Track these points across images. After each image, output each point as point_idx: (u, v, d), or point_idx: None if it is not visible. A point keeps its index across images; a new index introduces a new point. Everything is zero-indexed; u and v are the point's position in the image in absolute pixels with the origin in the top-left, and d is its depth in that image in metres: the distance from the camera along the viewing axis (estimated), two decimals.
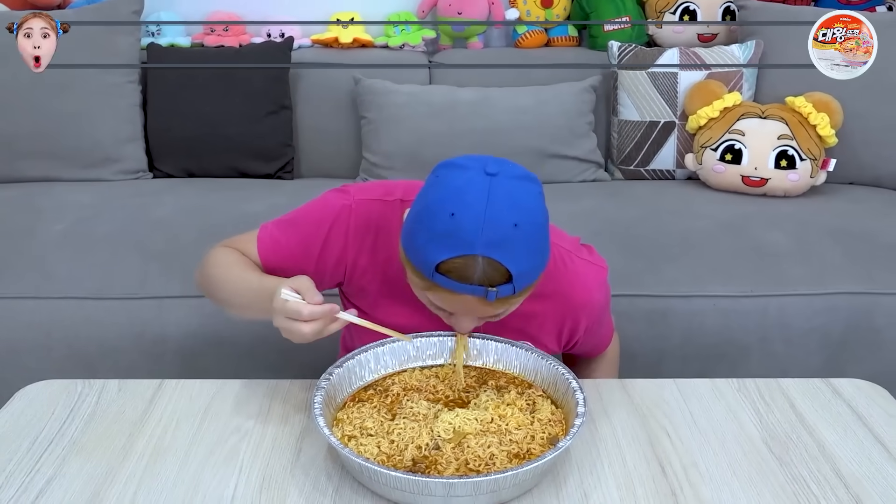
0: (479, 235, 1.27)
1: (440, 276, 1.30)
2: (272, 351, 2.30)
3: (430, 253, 1.30)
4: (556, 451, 1.25)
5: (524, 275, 1.31)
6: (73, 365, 2.29)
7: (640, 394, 1.56)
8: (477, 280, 1.29)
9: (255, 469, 1.34)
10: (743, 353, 2.36)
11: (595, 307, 1.62)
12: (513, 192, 1.30)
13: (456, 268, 1.29)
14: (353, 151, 3.06)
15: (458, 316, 1.43)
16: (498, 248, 1.28)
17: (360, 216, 1.55)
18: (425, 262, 1.31)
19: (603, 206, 2.72)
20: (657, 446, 1.41)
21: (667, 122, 2.99)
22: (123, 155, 2.96)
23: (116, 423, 1.45)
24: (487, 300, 1.31)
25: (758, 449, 1.41)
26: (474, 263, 1.28)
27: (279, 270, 1.55)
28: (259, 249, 1.58)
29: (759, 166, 2.81)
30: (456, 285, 1.30)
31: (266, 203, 2.66)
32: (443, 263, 1.29)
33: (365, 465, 1.22)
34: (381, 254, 1.55)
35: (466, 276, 1.29)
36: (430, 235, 1.30)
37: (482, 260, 1.28)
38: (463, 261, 1.28)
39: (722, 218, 2.65)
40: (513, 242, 1.29)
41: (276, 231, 1.59)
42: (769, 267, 2.42)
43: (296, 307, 1.35)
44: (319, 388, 1.37)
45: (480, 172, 1.30)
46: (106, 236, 2.50)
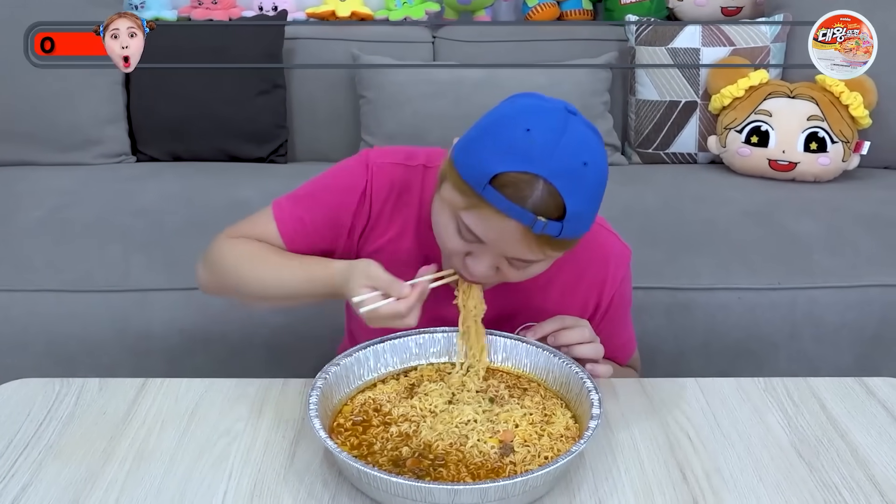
0: (549, 158, 1.28)
1: (493, 190, 1.29)
2: (264, 347, 2.31)
3: (491, 162, 1.29)
4: (570, 455, 1.25)
5: (576, 218, 1.30)
6: (50, 362, 2.29)
7: (659, 394, 1.56)
8: (531, 205, 1.28)
9: (246, 474, 1.33)
10: (770, 351, 2.36)
11: (618, 284, 1.61)
12: (587, 136, 1.33)
13: (514, 183, 1.28)
14: (351, 133, 3.06)
15: (481, 252, 1.39)
16: (563, 178, 1.28)
17: (383, 179, 1.55)
18: (482, 171, 1.30)
19: (619, 192, 2.71)
20: (677, 450, 1.41)
21: (688, 102, 2.99)
22: (104, 137, 2.96)
23: (97, 425, 1.45)
24: (532, 231, 1.30)
25: (786, 453, 1.41)
26: (535, 184, 1.28)
27: (304, 250, 1.55)
28: (282, 231, 1.56)
29: (787, 149, 2.81)
30: (507, 204, 1.28)
31: (258, 188, 2.65)
32: (501, 176, 1.28)
33: (364, 471, 1.21)
34: (398, 219, 1.55)
35: (522, 196, 1.28)
36: (497, 145, 1.30)
37: (544, 184, 1.28)
38: (525, 178, 1.28)
39: (747, 205, 2.65)
40: (579, 178, 1.29)
41: (298, 208, 1.57)
42: (798, 258, 2.42)
43: (393, 310, 1.36)
44: (315, 388, 1.37)
45: (561, 107, 1.34)
46: (86, 224, 2.50)
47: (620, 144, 3.11)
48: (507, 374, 1.53)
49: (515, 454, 1.32)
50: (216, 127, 2.96)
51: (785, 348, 2.36)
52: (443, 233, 1.41)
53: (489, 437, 1.35)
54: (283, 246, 1.57)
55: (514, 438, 1.36)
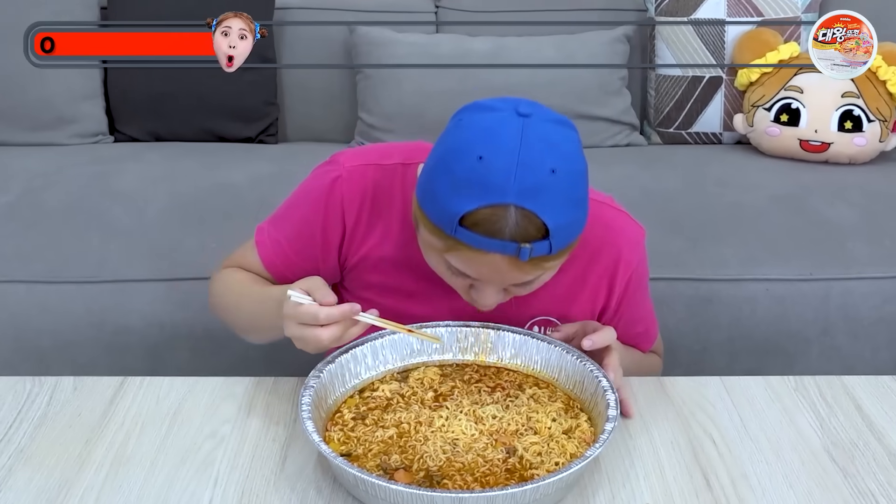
0: (511, 181, 1.26)
1: (465, 230, 1.29)
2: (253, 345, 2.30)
3: (454, 203, 1.29)
4: (584, 460, 1.25)
5: (562, 230, 1.30)
6: (20, 359, 2.30)
7: (680, 393, 1.56)
8: (508, 234, 1.28)
9: (233, 481, 1.33)
10: (801, 347, 2.36)
11: (633, 268, 1.61)
12: (549, 135, 1.31)
13: (484, 220, 1.28)
14: (348, 111, 3.06)
15: (481, 285, 1.40)
16: (533, 197, 1.27)
17: (354, 184, 1.54)
18: (447, 214, 1.30)
19: (638, 174, 2.71)
20: (701, 455, 1.41)
21: (712, 78, 2.98)
22: (79, 115, 2.95)
23: (71, 428, 1.45)
24: (520, 260, 1.30)
25: (818, 458, 1.41)
26: (506, 214, 1.27)
27: (289, 274, 1.55)
28: (263, 258, 1.59)
29: (819, 129, 2.80)
30: (483, 241, 1.29)
31: (246, 171, 2.65)
32: (469, 215, 1.28)
33: (361, 478, 1.21)
34: (379, 225, 1.55)
35: (496, 230, 1.28)
36: (454, 183, 1.29)
37: (515, 210, 1.27)
38: (492, 211, 1.27)
39: (776, 189, 2.65)
40: (550, 190, 1.28)
41: (274, 230, 1.60)
42: (831, 246, 2.42)
43: (310, 310, 1.35)
44: (308, 388, 1.37)
45: (511, 113, 1.30)
46: (59, 210, 2.50)
47: (639, 123, 3.10)
48: (516, 372, 1.53)
49: (524, 460, 1.32)
50: (200, 104, 2.96)
51: (817, 344, 2.36)
52: (438, 272, 1.43)
53: (494, 443, 1.36)
54: (265, 272, 1.60)
55: (516, 441, 1.36)
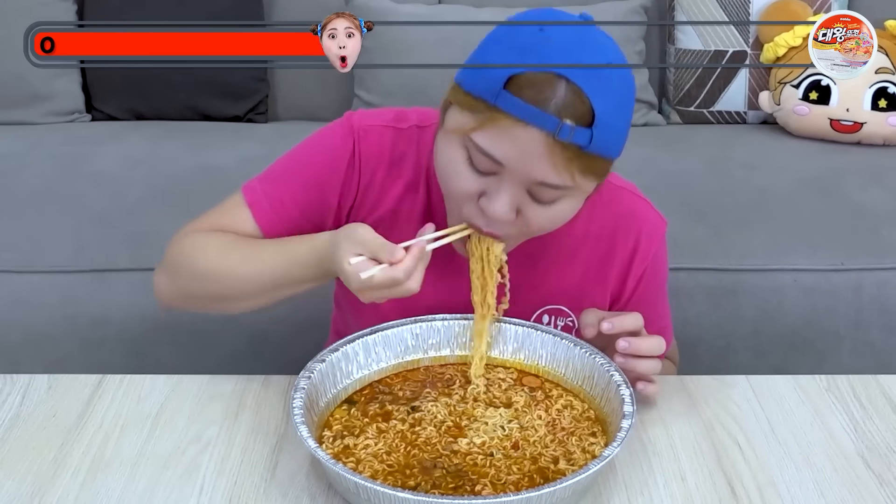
0: (570, 56, 1.28)
1: (508, 95, 1.29)
2: (242, 338, 2.31)
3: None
4: (600, 462, 1.25)
5: (606, 126, 1.30)
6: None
7: (703, 393, 1.55)
8: (553, 107, 1.28)
9: (220, 488, 1.33)
10: (831, 342, 2.36)
11: (650, 259, 1.60)
12: (608, 42, 1.36)
13: (533, 83, 1.28)
14: (343, 88, 3.07)
15: (498, 185, 1.36)
16: (588, 77, 1.29)
17: (372, 145, 1.54)
18: (495, 76, 1.30)
19: (656, 156, 2.72)
20: (725, 460, 1.40)
21: (736, 52, 2.98)
22: (54, 92, 2.96)
23: (46, 430, 1.44)
24: (557, 139, 1.28)
25: (852, 464, 1.40)
26: (556, 84, 1.28)
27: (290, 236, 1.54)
28: (257, 217, 1.54)
29: (851, 107, 2.80)
30: (526, 109, 1.28)
31: (234, 153, 2.65)
32: (517, 77, 1.28)
33: (362, 485, 1.21)
34: (393, 191, 1.54)
35: (542, 99, 1.28)
36: (511, 47, 1.32)
37: (566, 84, 1.28)
38: (544, 77, 1.28)
39: (805, 172, 2.65)
40: (605, 78, 1.30)
41: (274, 189, 1.55)
42: (864, 234, 2.42)
43: (389, 276, 1.33)
44: (299, 389, 1.36)
45: (576, 17, 1.37)
46: (32, 194, 2.50)
47: (657, 101, 3.10)
48: (518, 370, 1.53)
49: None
50: (185, 80, 2.96)
51: (849, 339, 2.36)
52: (451, 172, 1.39)
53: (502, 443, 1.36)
54: (259, 234, 1.55)
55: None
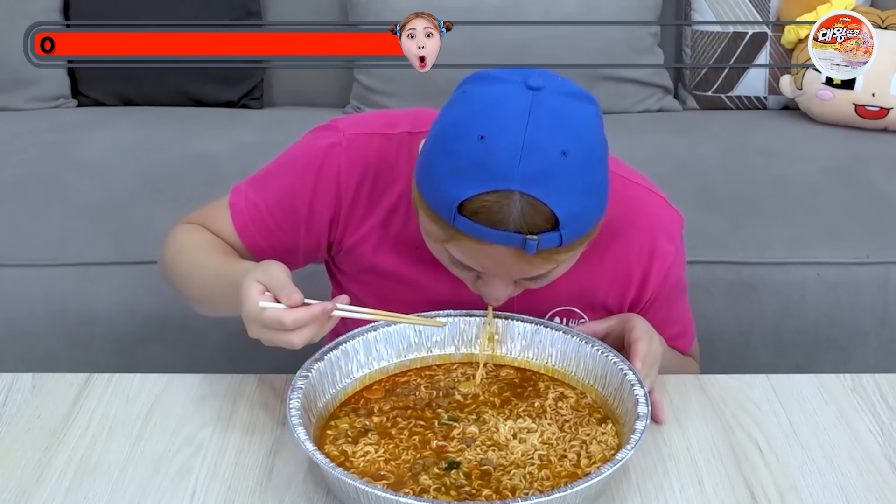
0: (516, 165, 1.26)
1: (464, 219, 1.29)
2: (235, 335, 2.28)
3: (453, 189, 1.29)
4: (614, 465, 1.25)
5: (574, 220, 1.30)
6: None
7: (721, 393, 1.55)
8: (513, 225, 1.28)
9: (213, 492, 1.33)
10: (856, 340, 2.36)
11: (669, 261, 1.60)
12: (562, 111, 1.30)
13: (485, 208, 1.28)
14: (342, 72, 3.06)
15: (487, 278, 1.41)
16: (541, 183, 1.27)
17: (355, 155, 1.54)
18: (446, 201, 1.30)
19: (672, 144, 2.71)
20: (744, 463, 1.40)
21: (756, 34, 2.98)
22: (39, 76, 2.94)
23: (30, 431, 1.45)
24: (526, 252, 1.29)
25: (878, 467, 1.40)
26: (510, 202, 1.27)
27: (264, 245, 1.55)
28: (235, 221, 1.57)
29: (877, 92, 2.79)
30: (485, 232, 1.29)
31: (227, 140, 2.65)
32: (468, 202, 1.28)
33: (363, 489, 1.21)
34: (383, 203, 1.54)
35: (499, 220, 1.28)
36: (453, 165, 1.29)
37: (520, 198, 1.27)
38: (494, 198, 1.27)
39: (829, 161, 2.64)
40: (560, 175, 1.28)
41: (253, 192, 1.58)
42: (891, 225, 2.42)
43: (275, 316, 1.33)
44: (296, 389, 1.36)
45: (520, 86, 1.30)
46: (15, 184, 2.50)
47: (673, 86, 3.09)
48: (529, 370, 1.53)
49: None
50: None
51: (874, 336, 2.36)
52: (443, 262, 1.43)
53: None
54: (235, 236, 1.57)
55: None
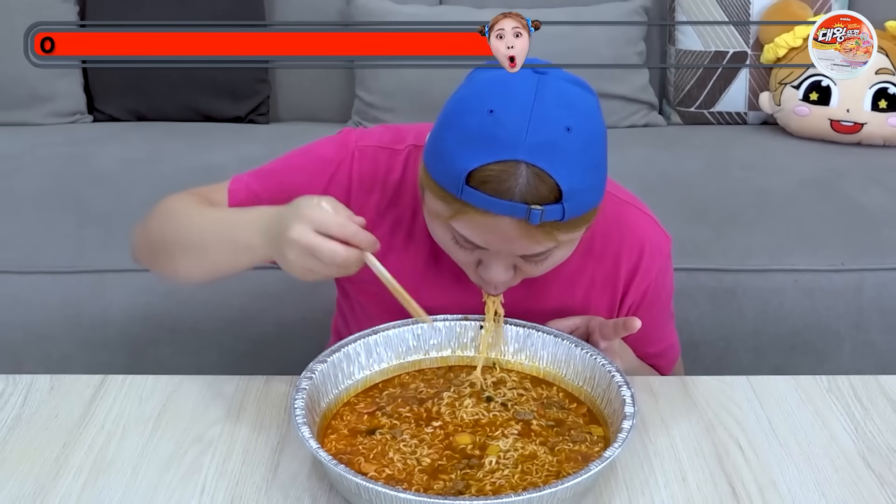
0: (523, 136, 1.27)
1: (472, 190, 1.29)
2: (242, 339, 2.30)
3: (461, 160, 1.29)
4: (602, 463, 1.24)
5: (576, 195, 1.29)
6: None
7: (704, 394, 1.55)
8: (518, 195, 1.27)
9: (222, 488, 1.33)
10: (832, 343, 2.35)
11: (653, 277, 1.60)
12: (566, 92, 1.32)
13: (493, 177, 1.28)
14: (344, 89, 3.06)
15: (489, 259, 1.39)
16: (546, 154, 1.27)
17: (366, 167, 1.53)
18: (454, 172, 1.30)
19: (657, 157, 2.71)
20: (726, 460, 1.40)
21: (737, 53, 2.98)
22: (56, 92, 2.95)
23: (48, 430, 1.44)
24: (530, 224, 1.29)
25: (853, 465, 1.40)
26: (516, 171, 1.27)
27: None
28: (231, 204, 1.54)
29: (852, 108, 2.80)
30: (491, 202, 1.28)
31: (235, 153, 2.65)
32: (476, 172, 1.28)
33: (364, 486, 1.20)
34: (390, 215, 1.54)
35: (505, 189, 1.27)
36: (462, 137, 1.30)
37: (526, 168, 1.27)
38: (502, 167, 1.27)
39: (806, 173, 2.65)
40: (565, 149, 1.28)
41: (255, 182, 1.56)
42: (865, 234, 2.41)
43: (340, 219, 1.32)
44: (300, 390, 1.36)
45: (527, 70, 1.30)
46: (33, 194, 2.50)
47: (658, 102, 3.10)
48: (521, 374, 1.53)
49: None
50: (186, 81, 2.96)
51: (849, 340, 2.36)
52: (444, 246, 1.43)
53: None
54: None
55: None
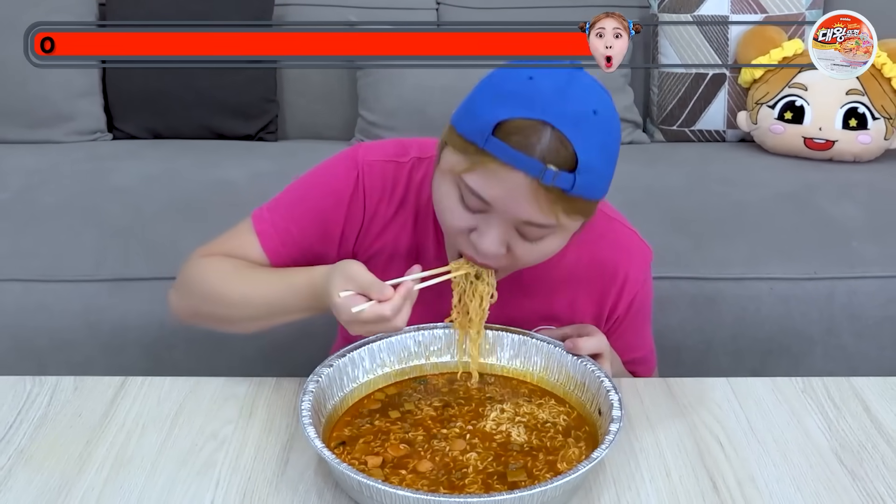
0: (556, 103, 1.28)
1: (496, 140, 1.29)
2: (254, 342, 2.30)
3: (492, 112, 1.30)
4: (590, 462, 1.24)
5: (589, 171, 1.30)
6: (18, 359, 2.29)
7: (686, 395, 1.55)
8: (539, 152, 1.28)
9: (235, 483, 1.33)
10: (805, 347, 2.35)
11: (637, 288, 1.60)
12: (596, 85, 1.34)
13: (520, 129, 1.28)
14: (348, 108, 3.06)
15: (487, 223, 1.36)
16: (573, 125, 1.28)
17: (376, 177, 1.53)
18: (483, 122, 1.30)
19: (640, 172, 2.71)
20: (707, 457, 1.40)
21: (716, 75, 2.98)
22: (77, 112, 2.95)
23: (72, 428, 1.44)
24: (542, 183, 1.28)
25: (826, 461, 1.40)
26: (541, 131, 1.28)
27: (294, 265, 1.52)
28: (265, 245, 1.53)
29: (824, 126, 2.80)
30: (512, 154, 1.28)
31: (245, 169, 2.65)
32: (504, 123, 1.29)
33: (365, 483, 1.21)
34: (395, 222, 1.54)
35: (528, 144, 1.28)
36: (498, 94, 1.31)
37: (552, 131, 1.28)
38: (530, 124, 1.28)
39: (780, 187, 2.65)
40: (589, 126, 1.30)
41: (281, 219, 1.54)
42: (836, 245, 2.41)
43: (376, 312, 1.33)
44: (307, 392, 1.36)
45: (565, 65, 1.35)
46: (56, 208, 2.49)
47: (642, 121, 3.10)
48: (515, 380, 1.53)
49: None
50: (200, 101, 2.95)
51: (821, 344, 2.35)
52: (445, 208, 1.40)
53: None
54: (265, 260, 1.54)
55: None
